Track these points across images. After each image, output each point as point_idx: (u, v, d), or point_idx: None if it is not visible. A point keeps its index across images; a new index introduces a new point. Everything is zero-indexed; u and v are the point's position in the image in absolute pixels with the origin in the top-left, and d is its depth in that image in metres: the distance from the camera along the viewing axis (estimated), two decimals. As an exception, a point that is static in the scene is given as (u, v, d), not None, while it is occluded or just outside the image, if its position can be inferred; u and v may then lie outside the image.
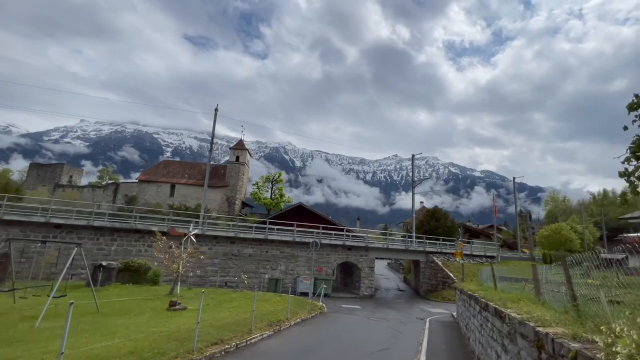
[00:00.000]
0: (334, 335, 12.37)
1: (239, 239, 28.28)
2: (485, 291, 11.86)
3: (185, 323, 10.19)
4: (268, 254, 29.14)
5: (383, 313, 20.49)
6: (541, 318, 4.60)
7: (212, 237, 27.58)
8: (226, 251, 27.79)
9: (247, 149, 60.37)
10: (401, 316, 19.69)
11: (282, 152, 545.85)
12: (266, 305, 15.05)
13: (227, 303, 15.01)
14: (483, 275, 17.85)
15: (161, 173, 59.83)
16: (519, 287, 12.04)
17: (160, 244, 16.27)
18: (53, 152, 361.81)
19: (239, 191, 57.59)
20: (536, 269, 8.30)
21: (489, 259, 37.15)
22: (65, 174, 66.64)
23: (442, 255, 35.01)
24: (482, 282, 17.50)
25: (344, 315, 17.81)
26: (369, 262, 32.42)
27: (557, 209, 65.71)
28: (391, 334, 13.37)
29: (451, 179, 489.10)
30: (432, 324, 16.57)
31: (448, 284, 31.76)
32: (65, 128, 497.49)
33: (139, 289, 17.83)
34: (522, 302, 7.45)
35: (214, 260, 27.24)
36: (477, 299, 9.15)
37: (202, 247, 27.12)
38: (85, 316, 10.90)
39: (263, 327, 11.13)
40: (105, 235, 24.57)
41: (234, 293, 19.19)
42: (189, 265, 19.41)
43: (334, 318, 16.27)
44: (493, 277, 12.55)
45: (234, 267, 27.71)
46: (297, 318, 13.96)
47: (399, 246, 35.07)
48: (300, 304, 16.84)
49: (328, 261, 31.16)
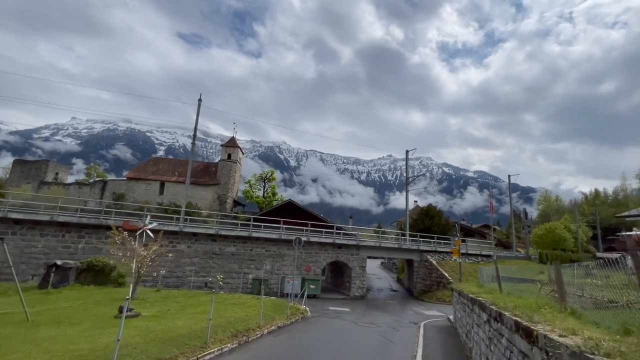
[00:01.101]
0: (311, 346, 10.58)
1: (221, 236, 26.36)
2: (489, 294, 10.14)
3: (126, 335, 8.33)
4: (252, 252, 27.27)
5: (373, 317, 18.75)
6: (603, 346, 2.88)
7: (191, 234, 25.62)
8: (207, 249, 25.86)
9: (239, 146, 58.34)
10: (393, 320, 17.96)
11: (276, 151, 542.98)
12: (238, 311, 13.21)
13: (193, 308, 13.13)
14: (483, 275, 16.16)
15: (150, 171, 57.66)
16: (524, 289, 10.34)
17: (118, 239, 14.20)
18: (43, 150, 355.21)
19: (230, 189, 55.67)
20: (559, 270, 6.58)
21: (484, 258, 35.75)
22: (51, 170, 64.10)
23: (437, 254, 33.41)
24: (482, 282, 15.83)
25: (329, 320, 16.00)
26: (361, 261, 30.70)
27: (549, 209, 65.84)
28: (381, 344, 11.61)
29: (445, 179, 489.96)
30: (427, 330, 14.86)
31: (443, 284, 30.18)
32: (56, 126, 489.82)
33: (98, 292, 15.85)
34: (547, 312, 5.73)
35: (193, 259, 25.31)
36: (484, 305, 7.41)
37: (181, 245, 25.23)
38: (8, 326, 8.99)
39: (225, 338, 9.26)
40: (72, 232, 22.52)
41: (206, 295, 17.27)
42: (155, 264, 17.38)
43: (316, 324, 14.45)
44: (497, 278, 10.85)
45: (215, 267, 25.79)
46: (273, 325, 12.11)
47: (391, 244, 33.40)
48: (279, 308, 15.02)
49: (317, 260, 29.37)
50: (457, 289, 14.18)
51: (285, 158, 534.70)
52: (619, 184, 61.19)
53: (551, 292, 8.40)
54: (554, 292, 8.30)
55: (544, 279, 9.18)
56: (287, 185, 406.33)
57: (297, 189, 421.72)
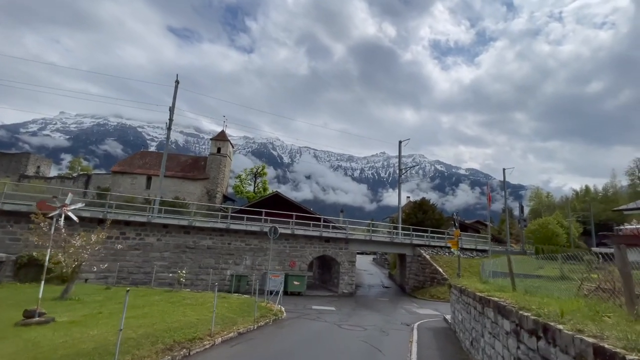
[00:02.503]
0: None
1: (195, 228, 23.92)
2: (501, 292, 7.96)
3: (10, 351, 5.99)
4: (231, 246, 24.91)
5: (360, 317, 16.58)
6: None
7: (162, 225, 23.13)
8: (179, 243, 23.41)
9: (229, 140, 55.68)
10: (383, 321, 15.81)
11: (270, 147, 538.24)
12: (190, 313, 10.85)
13: (134, 310, 10.68)
14: (486, 270, 14.07)
15: (137, 164, 54.83)
16: (538, 286, 8.28)
17: (44, 225, 11.51)
18: (31, 145, 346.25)
19: (220, 184, 53.25)
20: (626, 258, 4.38)
21: (479, 252, 33.93)
22: (32, 164, 60.93)
23: (431, 249, 31.40)
24: (486, 278, 13.73)
25: (307, 322, 13.72)
26: (350, 255, 28.54)
27: (540, 205, 66.55)
28: (365, 355, 9.41)
29: (437, 177, 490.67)
30: (422, 334, 12.70)
31: (437, 280, 28.20)
32: (44, 120, 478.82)
33: (31, 290, 13.32)
34: (613, 321, 3.55)
35: (164, 254, 22.85)
36: (506, 309, 5.19)
37: (149, 238, 22.76)
38: None
39: (151, 354, 6.89)
40: (22, 222, 19.90)
41: (161, 294, 14.88)
42: (95, 257, 14.78)
43: (290, 328, 12.14)
44: (511, 273, 8.68)
45: (188, 262, 23.38)
46: (232, 332, 9.77)
47: (383, 238, 31.25)
48: (247, 309, 12.72)
49: (302, 255, 27.12)
50: (456, 285, 12.03)
51: (279, 154, 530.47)
52: (609, 180, 61.87)
53: (593, 291, 6.25)
54: (598, 291, 6.14)
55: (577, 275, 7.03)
56: (280, 182, 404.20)
57: (290, 186, 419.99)
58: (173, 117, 29.76)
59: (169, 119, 29.50)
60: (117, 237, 21.61)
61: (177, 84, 30.51)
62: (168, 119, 29.44)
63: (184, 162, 56.09)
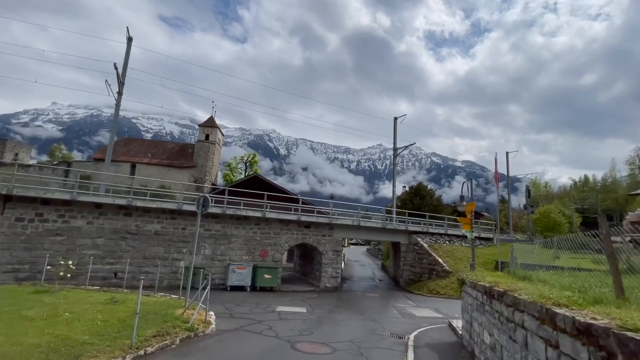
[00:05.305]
0: None
1: (139, 209, 19.28)
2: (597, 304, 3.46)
3: None
4: (186, 232, 20.35)
5: (334, 325, 12.12)
6: None
7: (94, 205, 18.44)
8: (117, 227, 18.77)
9: (217, 126, 50.94)
10: (365, 330, 11.37)
11: (266, 139, 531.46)
12: (61, 329, 6.27)
13: None
14: (516, 258, 9.57)
15: (120, 152, 50.09)
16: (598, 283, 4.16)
17: None
18: (22, 136, 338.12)
19: (208, 172, 48.84)
20: None
21: (482, 241, 29.63)
22: (9, 151, 56.33)
23: (429, 236, 27.00)
24: (513, 269, 9.24)
25: (243, 339, 9.02)
26: (334, 244, 24.10)
27: (538, 196, 64.77)
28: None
29: (433, 169, 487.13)
30: (421, 354, 8.24)
31: (436, 272, 23.86)
32: (36, 111, 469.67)
33: None
34: None
35: (97, 241, 18.22)
36: None
37: (77, 221, 18.11)
38: None
39: None
40: None
41: (49, 295, 10.29)
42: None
43: (202, 356, 7.55)
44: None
45: (130, 251, 18.80)
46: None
47: (374, 224, 26.77)
48: (155, 318, 8.23)
49: (277, 243, 22.63)
50: (476, 282, 7.48)
51: (275, 146, 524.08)
52: (608, 170, 60.76)
53: None
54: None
55: None
56: (277, 174, 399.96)
57: (287, 178, 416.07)
58: (125, 80, 24.87)
59: (119, 82, 24.56)
60: (30, 219, 17.02)
61: (130, 42, 25.66)
62: (118, 82, 24.51)
63: (171, 149, 51.93)
